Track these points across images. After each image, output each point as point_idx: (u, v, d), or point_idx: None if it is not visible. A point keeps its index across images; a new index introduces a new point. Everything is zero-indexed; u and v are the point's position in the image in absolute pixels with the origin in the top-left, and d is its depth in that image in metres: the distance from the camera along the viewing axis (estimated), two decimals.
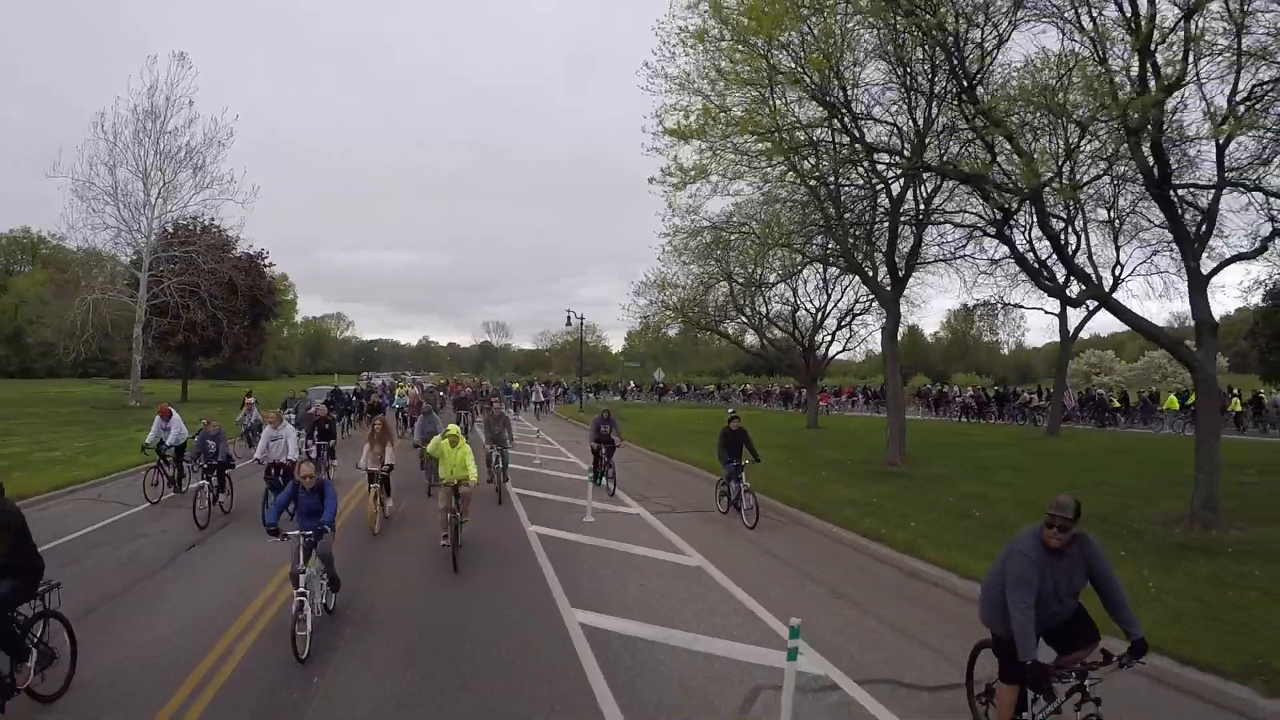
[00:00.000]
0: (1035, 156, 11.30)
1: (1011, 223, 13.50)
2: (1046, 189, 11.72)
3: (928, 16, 11.34)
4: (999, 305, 26.86)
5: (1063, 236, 23.03)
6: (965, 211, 16.31)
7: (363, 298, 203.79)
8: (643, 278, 40.82)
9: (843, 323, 29.95)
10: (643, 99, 15.47)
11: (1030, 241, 20.77)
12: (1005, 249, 20.03)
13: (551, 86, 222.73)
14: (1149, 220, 19.42)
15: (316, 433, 14.08)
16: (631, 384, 63.85)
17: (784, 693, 4.47)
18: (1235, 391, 35.18)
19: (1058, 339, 27.83)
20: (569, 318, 43.22)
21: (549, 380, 60.83)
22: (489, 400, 27.38)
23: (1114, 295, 23.20)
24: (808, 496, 13.05)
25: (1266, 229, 12.44)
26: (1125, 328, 11.60)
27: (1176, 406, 30.82)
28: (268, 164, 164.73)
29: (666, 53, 15.03)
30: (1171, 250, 17.18)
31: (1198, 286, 11.69)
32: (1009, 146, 11.45)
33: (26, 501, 11.68)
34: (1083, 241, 23.34)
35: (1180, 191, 13.04)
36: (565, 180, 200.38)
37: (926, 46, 12.59)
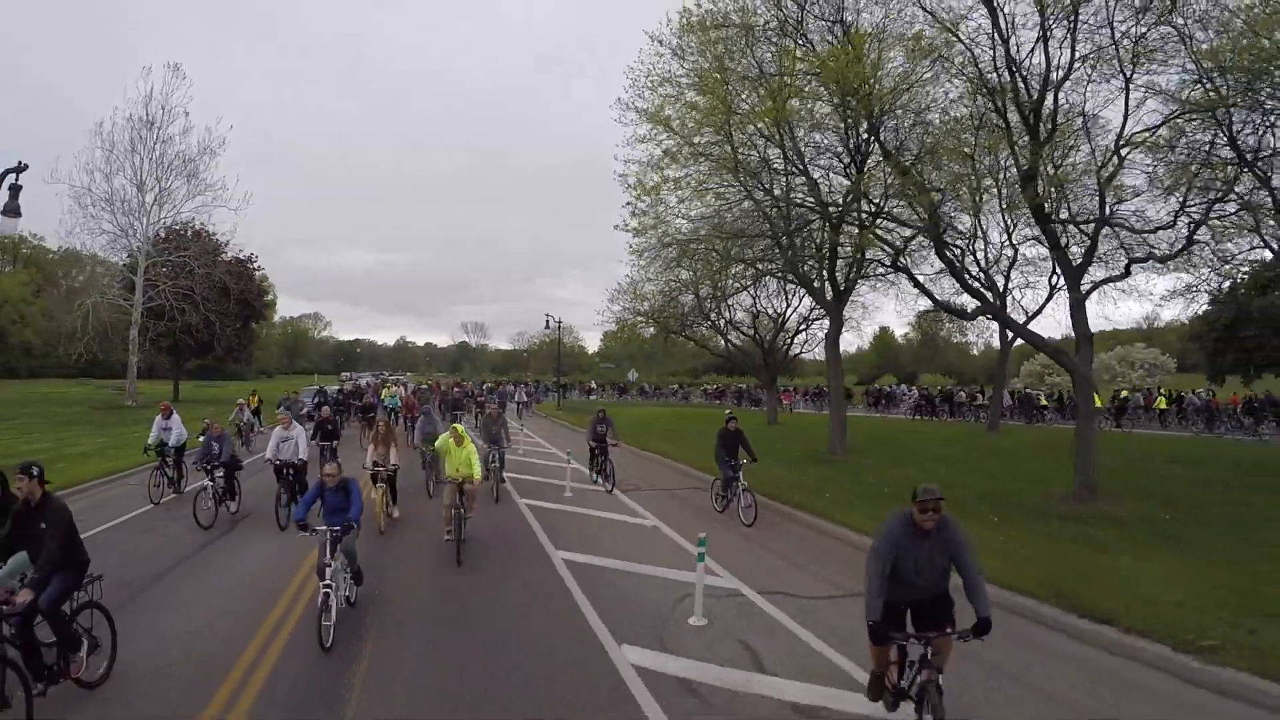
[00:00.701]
0: (934, 196, 13.72)
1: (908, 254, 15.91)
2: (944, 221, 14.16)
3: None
4: (943, 312, 29.22)
5: (1001, 250, 25.82)
6: (876, 243, 18.84)
7: (347, 299, 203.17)
8: (616, 284, 42.98)
9: (801, 326, 32.45)
10: (636, 103, 17.86)
11: (974, 254, 23.29)
12: (939, 264, 22.72)
13: (547, 91, 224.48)
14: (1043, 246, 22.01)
15: (319, 434, 14.33)
16: (594, 384, 66.94)
17: (696, 585, 6.82)
18: (1162, 390, 38.44)
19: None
20: (547, 321, 45.33)
21: (527, 380, 63.10)
22: (478, 401, 29.30)
23: (1049, 305, 25.94)
24: (752, 477, 15.03)
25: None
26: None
27: (1100, 404, 33.76)
28: (264, 167, 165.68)
29: (636, 92, 17.48)
30: (1103, 261, 19.23)
31: (1077, 305, 14.05)
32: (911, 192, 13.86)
33: (81, 487, 13.53)
34: (1018, 255, 26.13)
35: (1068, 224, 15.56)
36: (560, 185, 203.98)
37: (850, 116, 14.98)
